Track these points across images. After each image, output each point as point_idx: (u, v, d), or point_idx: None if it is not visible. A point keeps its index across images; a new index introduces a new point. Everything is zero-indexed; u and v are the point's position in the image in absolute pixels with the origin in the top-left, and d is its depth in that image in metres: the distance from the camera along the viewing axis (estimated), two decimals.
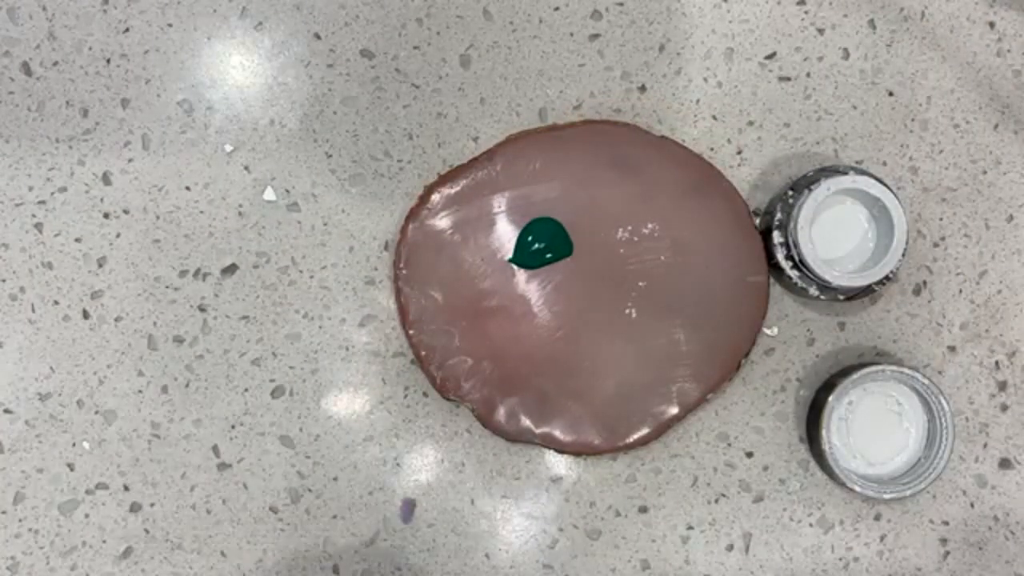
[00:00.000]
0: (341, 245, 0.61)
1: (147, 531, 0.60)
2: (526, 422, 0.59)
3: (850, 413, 0.59)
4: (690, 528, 0.60)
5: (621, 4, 0.62)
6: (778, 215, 0.58)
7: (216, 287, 0.61)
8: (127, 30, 0.61)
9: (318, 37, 0.61)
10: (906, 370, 0.57)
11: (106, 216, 0.61)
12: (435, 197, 0.59)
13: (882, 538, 0.60)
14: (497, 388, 0.59)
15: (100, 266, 0.60)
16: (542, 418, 0.59)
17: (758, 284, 0.59)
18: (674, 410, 0.59)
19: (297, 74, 0.61)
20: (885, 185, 0.56)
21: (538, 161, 0.59)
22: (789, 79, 0.62)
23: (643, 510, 0.60)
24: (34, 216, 0.61)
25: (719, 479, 0.60)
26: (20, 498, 0.60)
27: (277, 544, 0.60)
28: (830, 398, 0.57)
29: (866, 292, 0.58)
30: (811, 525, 0.60)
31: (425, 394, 0.60)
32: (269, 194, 0.61)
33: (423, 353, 0.59)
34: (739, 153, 0.61)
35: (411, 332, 0.59)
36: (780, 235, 0.57)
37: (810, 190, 0.56)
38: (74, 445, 0.60)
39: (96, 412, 0.60)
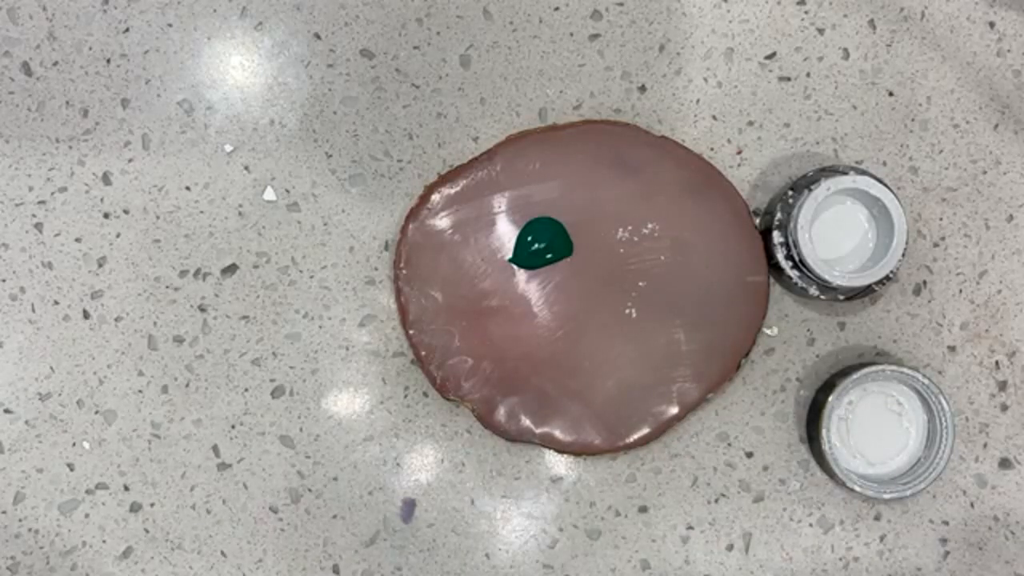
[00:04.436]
0: (341, 245, 0.61)
1: (147, 531, 0.60)
2: (526, 422, 0.59)
3: (850, 413, 0.59)
4: (690, 528, 0.60)
5: (621, 4, 0.62)
6: (778, 215, 0.58)
7: (216, 287, 0.61)
8: (127, 30, 0.61)
9: (318, 37, 0.61)
10: (906, 370, 0.57)
11: (106, 216, 0.61)
12: (435, 197, 0.59)
13: (882, 538, 0.60)
14: (497, 388, 0.59)
15: (100, 266, 0.60)
16: (542, 418, 0.59)
17: (758, 284, 0.59)
18: (674, 410, 0.59)
19: (297, 74, 0.61)
20: (885, 185, 0.56)
21: (538, 161, 0.59)
22: (789, 79, 0.62)
23: (643, 510, 0.60)
24: (34, 216, 0.61)
25: (719, 479, 0.60)
26: (20, 498, 0.60)
27: (277, 544, 0.60)
28: (830, 398, 0.57)
29: (866, 292, 0.58)
30: (811, 525, 0.60)
31: (425, 394, 0.60)
32: (269, 194, 0.61)
33: (423, 353, 0.59)
34: (739, 153, 0.61)
35: (411, 332, 0.59)
36: (780, 235, 0.57)
37: (810, 190, 0.56)
38: (74, 445, 0.60)
39: (96, 412, 0.60)
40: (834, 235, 0.58)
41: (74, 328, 0.60)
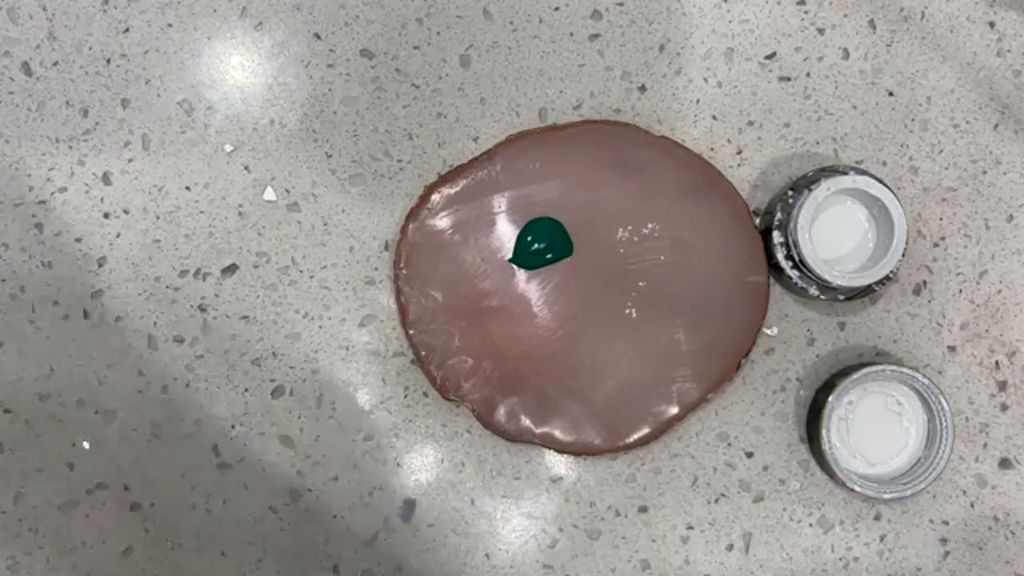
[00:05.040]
0: (341, 245, 0.61)
1: (147, 531, 0.60)
2: (526, 422, 0.59)
3: (850, 413, 0.59)
4: (690, 528, 0.60)
5: (621, 4, 0.62)
6: (778, 215, 0.58)
7: (216, 287, 0.61)
8: (127, 30, 0.61)
9: (318, 37, 0.61)
10: (906, 370, 0.57)
11: (106, 216, 0.61)
12: (435, 197, 0.59)
13: (882, 538, 0.60)
14: (497, 388, 0.59)
15: (100, 266, 0.60)
16: (542, 418, 0.59)
17: (758, 284, 0.59)
18: (674, 410, 0.59)
19: (297, 74, 0.61)
20: (885, 185, 0.56)
21: (538, 161, 0.59)
22: (789, 79, 0.62)
23: (643, 510, 0.60)
24: (34, 216, 0.61)
25: (719, 479, 0.60)
26: (20, 498, 0.60)
27: (277, 544, 0.60)
28: (830, 398, 0.57)
29: (866, 292, 0.58)
30: (811, 525, 0.60)
31: (425, 394, 0.60)
32: (269, 194, 0.61)
33: (423, 353, 0.59)
34: (739, 153, 0.61)
35: (411, 332, 0.59)
36: (780, 235, 0.57)
37: (810, 190, 0.56)
38: (74, 445, 0.60)
39: (96, 412, 0.60)
40: (834, 235, 0.58)
41: (74, 328, 0.60)
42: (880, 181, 0.56)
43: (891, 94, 0.62)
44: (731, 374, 0.59)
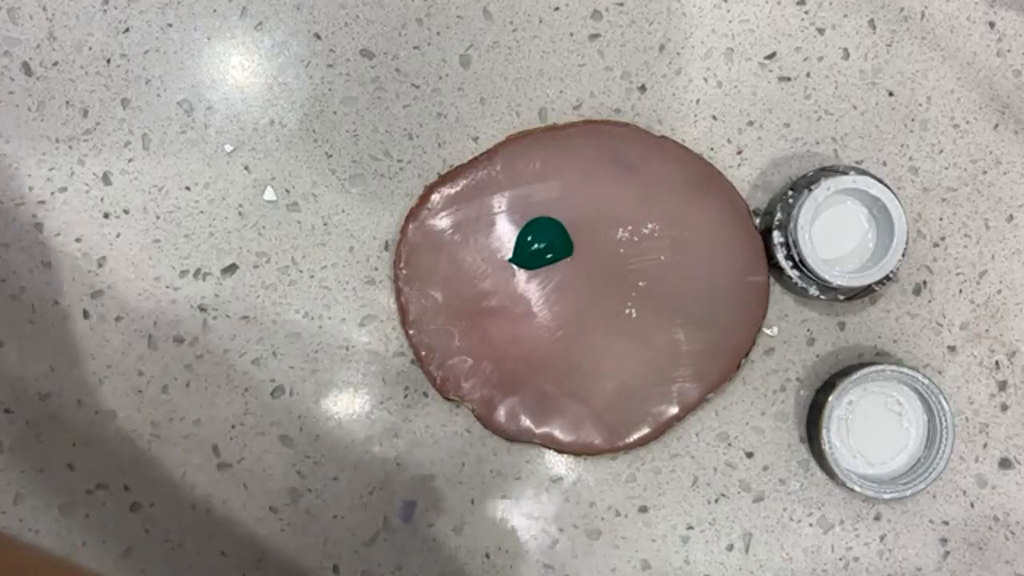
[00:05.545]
0: (341, 245, 0.61)
1: (147, 531, 0.60)
2: (526, 422, 0.59)
3: (850, 413, 0.59)
4: (690, 528, 0.60)
5: (621, 4, 0.62)
6: (778, 215, 0.58)
7: (216, 287, 0.61)
8: (127, 30, 0.61)
9: (318, 37, 0.61)
10: (906, 370, 0.57)
11: (106, 216, 0.61)
12: (435, 197, 0.59)
13: (882, 538, 0.60)
14: (497, 388, 0.59)
15: (100, 266, 0.60)
16: (542, 418, 0.59)
17: (758, 284, 0.59)
18: (674, 410, 0.59)
19: (297, 74, 0.61)
20: (885, 185, 0.56)
21: (538, 161, 0.59)
22: (789, 79, 0.62)
23: (643, 510, 0.60)
24: (34, 216, 0.61)
25: (719, 479, 0.60)
26: (20, 498, 0.60)
27: (277, 544, 0.60)
28: (830, 398, 0.57)
29: (866, 292, 0.58)
30: (811, 525, 0.60)
31: (425, 394, 0.60)
32: (269, 194, 0.61)
33: (423, 353, 0.59)
34: (739, 153, 0.61)
35: (411, 332, 0.59)
36: (780, 235, 0.57)
37: (810, 190, 0.56)
38: (74, 445, 0.60)
39: (96, 412, 0.60)
40: (834, 235, 0.58)
41: (74, 328, 0.60)
42: (880, 181, 0.56)
43: (891, 94, 0.62)
44: (731, 374, 0.59)
